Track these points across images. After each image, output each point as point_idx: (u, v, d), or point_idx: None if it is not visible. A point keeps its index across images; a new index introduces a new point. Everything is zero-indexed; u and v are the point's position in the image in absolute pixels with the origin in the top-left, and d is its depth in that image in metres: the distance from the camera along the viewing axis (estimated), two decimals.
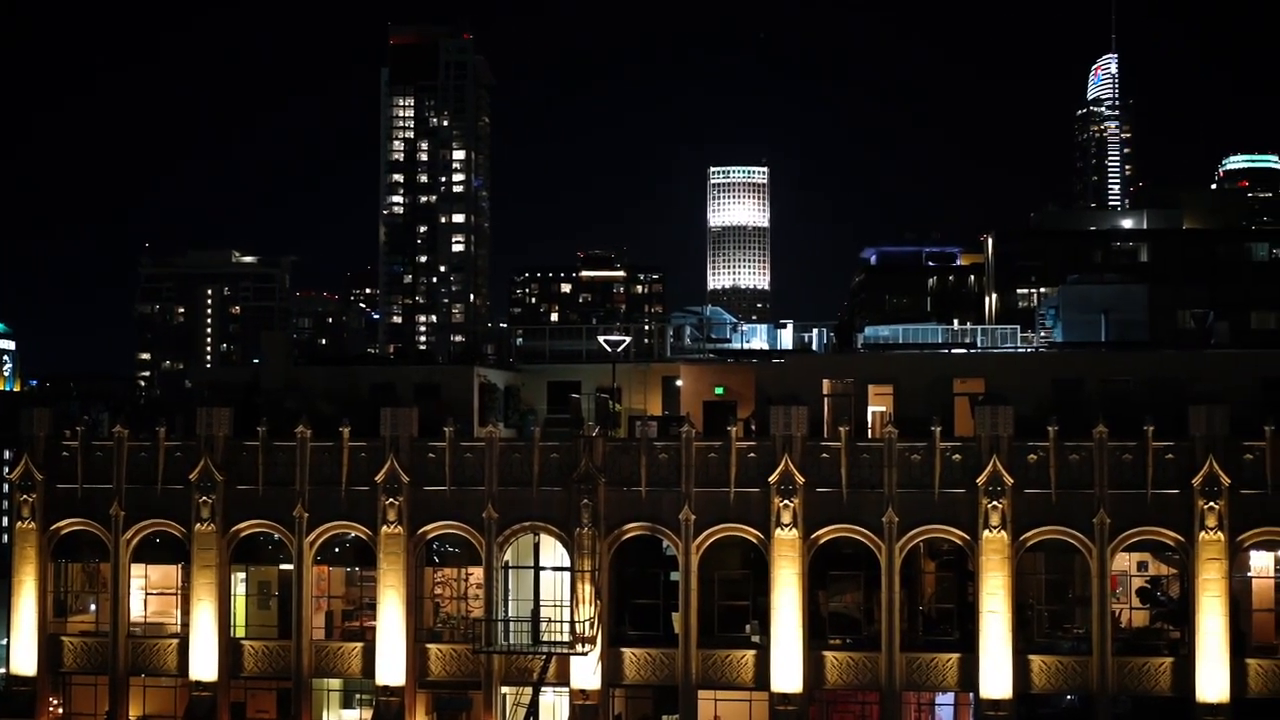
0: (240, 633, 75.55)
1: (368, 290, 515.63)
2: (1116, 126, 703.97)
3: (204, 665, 74.47)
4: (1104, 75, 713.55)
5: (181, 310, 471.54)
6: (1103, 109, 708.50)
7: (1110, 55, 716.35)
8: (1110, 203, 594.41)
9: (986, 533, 69.12)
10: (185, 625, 75.40)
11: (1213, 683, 68.01)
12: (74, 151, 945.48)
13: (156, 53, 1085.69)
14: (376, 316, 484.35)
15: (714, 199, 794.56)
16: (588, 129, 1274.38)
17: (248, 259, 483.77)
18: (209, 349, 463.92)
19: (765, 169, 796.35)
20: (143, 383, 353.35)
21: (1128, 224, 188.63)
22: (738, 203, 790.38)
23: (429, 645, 73.77)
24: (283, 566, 75.17)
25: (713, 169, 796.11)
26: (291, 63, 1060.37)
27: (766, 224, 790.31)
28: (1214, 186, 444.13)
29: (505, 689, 73.17)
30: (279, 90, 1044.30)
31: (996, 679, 69.07)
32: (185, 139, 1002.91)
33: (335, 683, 75.18)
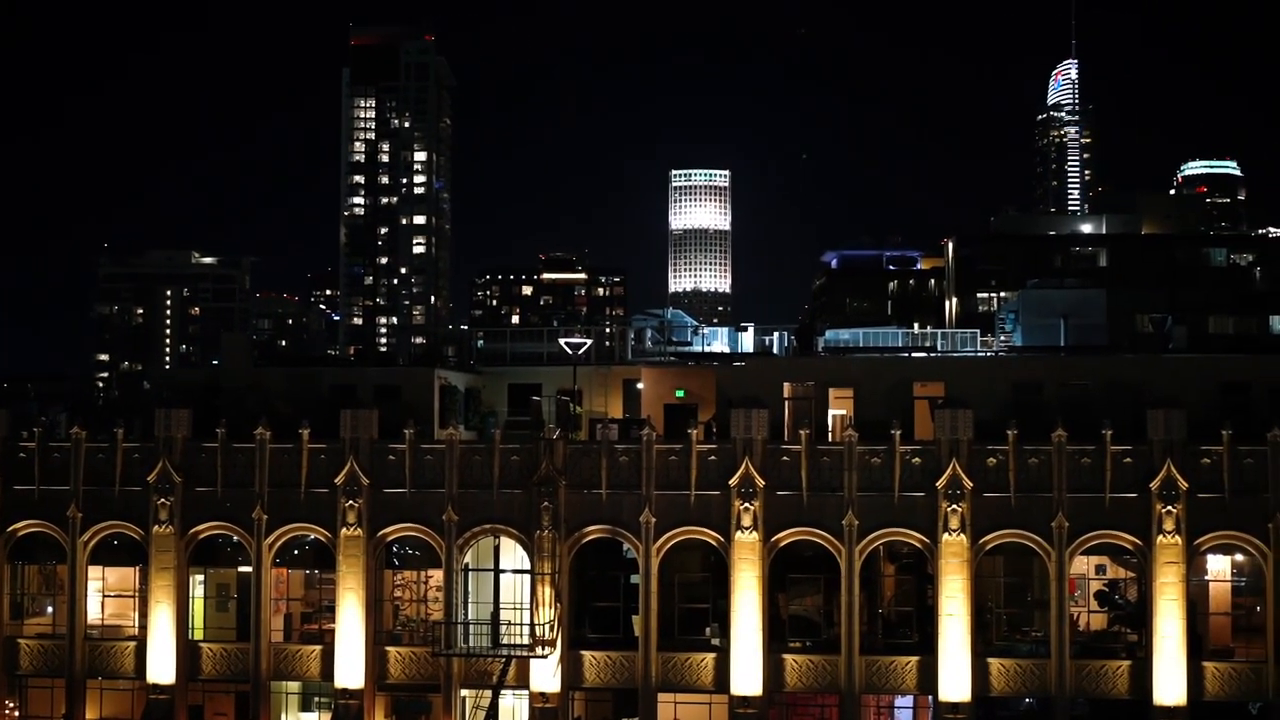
0: (198, 635, 75.20)
1: (328, 291, 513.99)
2: (1076, 132, 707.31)
3: (161, 668, 74.09)
4: (1064, 81, 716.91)
5: (140, 311, 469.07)
6: (1063, 114, 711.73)
7: (1070, 61, 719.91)
8: (1070, 207, 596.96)
9: (946, 536, 69.32)
10: (143, 628, 75.00)
11: (1170, 685, 68.37)
12: (36, 153, 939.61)
13: (120, 55, 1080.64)
14: (337, 318, 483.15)
15: (675, 202, 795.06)
16: (550, 131, 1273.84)
17: (207, 260, 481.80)
18: (168, 350, 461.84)
19: (727, 172, 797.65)
20: (101, 384, 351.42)
21: (1087, 229, 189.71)
22: (699, 206, 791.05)
23: (388, 648, 73.57)
24: (241, 569, 74.87)
25: (674, 172, 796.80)
26: (252, 64, 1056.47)
27: (728, 227, 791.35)
28: (1173, 192, 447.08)
29: (465, 692, 73.05)
30: (239, 91, 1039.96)
31: (955, 682, 69.28)
32: (146, 141, 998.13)
33: (294, 685, 74.89)
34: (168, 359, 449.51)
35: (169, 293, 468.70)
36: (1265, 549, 68.63)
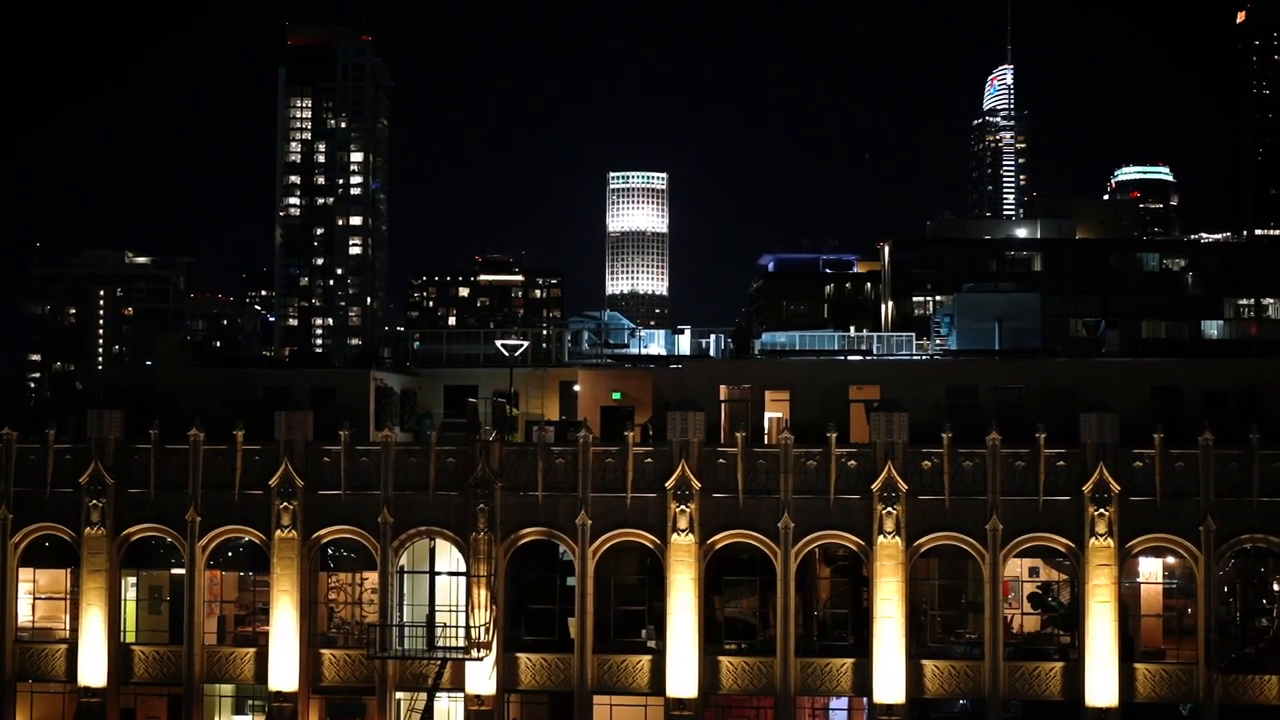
0: (130, 638, 74.62)
1: (263, 292, 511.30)
2: (1011, 137, 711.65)
3: (93, 671, 73.47)
4: (999, 86, 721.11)
5: (73, 311, 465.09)
6: (998, 119, 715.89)
7: (1006, 66, 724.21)
8: (1005, 212, 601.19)
9: (881, 538, 69.58)
10: (74, 630, 74.35)
11: (1102, 687, 68.88)
12: None
13: (51, 52, 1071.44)
14: (272, 319, 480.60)
15: (613, 204, 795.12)
16: (487, 133, 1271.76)
17: (141, 260, 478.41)
18: (101, 350, 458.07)
19: (664, 175, 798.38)
20: (33, 384, 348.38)
21: (1022, 233, 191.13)
22: (636, 208, 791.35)
23: (323, 650, 73.23)
24: (174, 571, 74.34)
25: (612, 174, 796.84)
26: (187, 61, 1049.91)
27: (665, 230, 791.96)
28: (1106, 197, 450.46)
29: (400, 694, 72.77)
30: (175, 90, 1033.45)
31: (890, 684, 69.55)
32: (79, 140, 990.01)
33: (227, 688, 74.40)
34: (100, 359, 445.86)
35: (102, 293, 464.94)
36: (1196, 551, 69.22)
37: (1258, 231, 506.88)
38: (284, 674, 72.33)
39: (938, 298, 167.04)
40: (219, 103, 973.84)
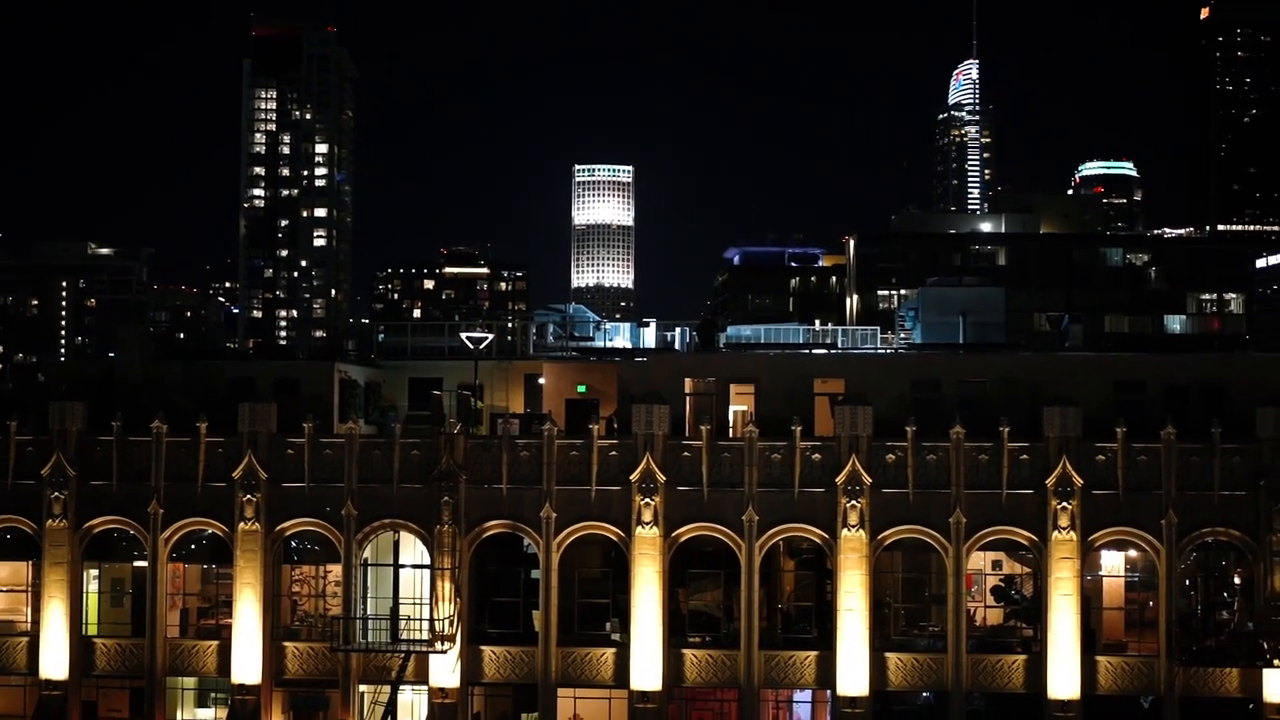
0: (92, 630, 74.27)
1: (227, 284, 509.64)
2: (976, 131, 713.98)
3: (55, 664, 73.13)
4: (965, 80, 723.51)
5: (35, 302, 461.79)
6: (963, 114, 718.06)
7: (971, 61, 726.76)
8: (970, 206, 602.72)
9: (845, 531, 69.72)
10: (35, 623, 73.96)
11: (1064, 680, 69.17)
12: None
13: (10, 39, 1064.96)
14: (236, 311, 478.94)
15: (579, 197, 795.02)
16: (453, 125, 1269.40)
17: (104, 251, 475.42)
18: (63, 342, 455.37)
19: (630, 168, 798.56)
20: None
21: (986, 228, 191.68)
22: (602, 201, 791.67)
23: (286, 643, 73.05)
24: (137, 563, 74.02)
25: (578, 167, 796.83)
26: (152, 52, 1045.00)
27: (631, 223, 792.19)
28: (1070, 192, 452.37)
29: (363, 687, 72.64)
30: (138, 80, 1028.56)
31: (853, 676, 69.70)
32: (42, 128, 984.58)
33: (190, 681, 74.15)
34: (63, 351, 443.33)
35: (64, 284, 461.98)
36: (1158, 545, 69.55)
37: (1220, 227, 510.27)
38: (247, 667, 72.11)
39: (902, 291, 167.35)
40: (183, 94, 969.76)
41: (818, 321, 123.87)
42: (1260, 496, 68.80)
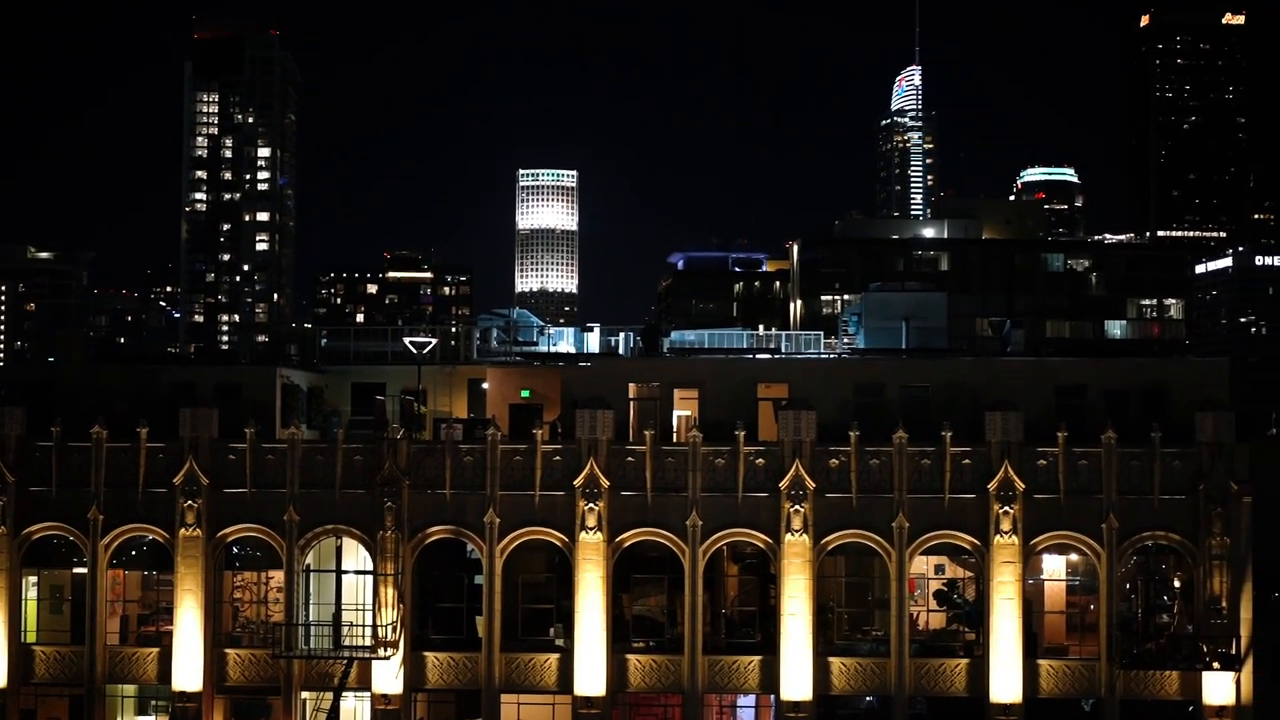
0: (31, 638, 73.67)
1: (169, 288, 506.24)
2: (919, 137, 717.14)
3: None
4: (907, 87, 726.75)
5: None
6: (906, 120, 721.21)
7: (914, 67, 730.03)
8: (913, 212, 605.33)
9: (788, 536, 69.84)
10: None
11: (1006, 683, 69.49)
12: None
13: None
14: (177, 315, 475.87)
15: (522, 202, 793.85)
16: (397, 128, 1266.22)
17: (44, 255, 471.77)
18: (2, 347, 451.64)
19: (574, 172, 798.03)
20: None
21: (929, 233, 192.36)
22: (546, 206, 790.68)
23: (228, 650, 72.61)
24: (76, 570, 73.46)
25: (521, 171, 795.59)
26: (91, 53, 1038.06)
27: (575, 227, 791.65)
28: (1012, 198, 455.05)
29: (306, 694, 72.26)
30: (78, 81, 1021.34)
31: (797, 681, 69.83)
32: None
33: (130, 689, 73.63)
34: (1, 356, 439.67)
35: (3, 288, 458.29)
36: (1099, 549, 69.98)
37: (1160, 233, 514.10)
38: (188, 674, 71.65)
39: (845, 297, 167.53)
40: (124, 96, 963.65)
41: (761, 326, 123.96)
42: (1200, 500, 69.32)
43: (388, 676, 71.10)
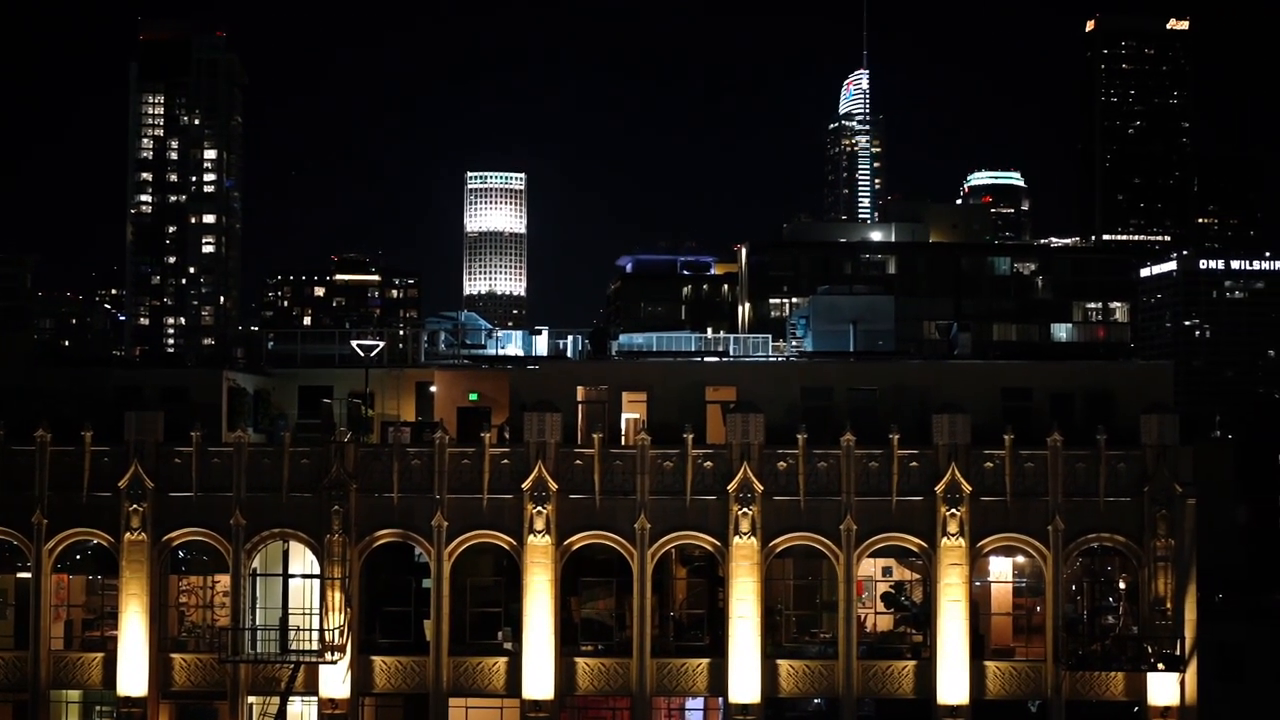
0: None
1: (114, 291, 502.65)
2: (867, 141, 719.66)
3: None
4: (855, 90, 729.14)
5: None
6: (853, 123, 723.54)
7: (861, 71, 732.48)
8: (860, 216, 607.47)
9: (737, 539, 69.94)
10: None
11: (953, 685, 69.77)
12: None
13: None
14: (123, 318, 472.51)
15: (471, 204, 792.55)
16: (345, 131, 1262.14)
17: None
18: None
19: (523, 175, 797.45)
20: None
21: (876, 236, 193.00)
22: (495, 208, 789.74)
23: (173, 655, 72.21)
24: (20, 574, 72.88)
25: (470, 174, 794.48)
26: (35, 55, 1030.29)
27: (523, 230, 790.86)
28: (959, 202, 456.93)
29: (252, 699, 71.92)
30: (23, 83, 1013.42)
31: (745, 683, 69.93)
32: None
33: (74, 694, 73.12)
34: None
35: None
36: (1045, 551, 70.33)
37: (1105, 236, 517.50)
38: (133, 679, 71.22)
39: (794, 300, 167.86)
40: (69, 97, 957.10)
41: (710, 329, 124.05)
42: (1144, 502, 69.79)
43: (335, 681, 70.83)
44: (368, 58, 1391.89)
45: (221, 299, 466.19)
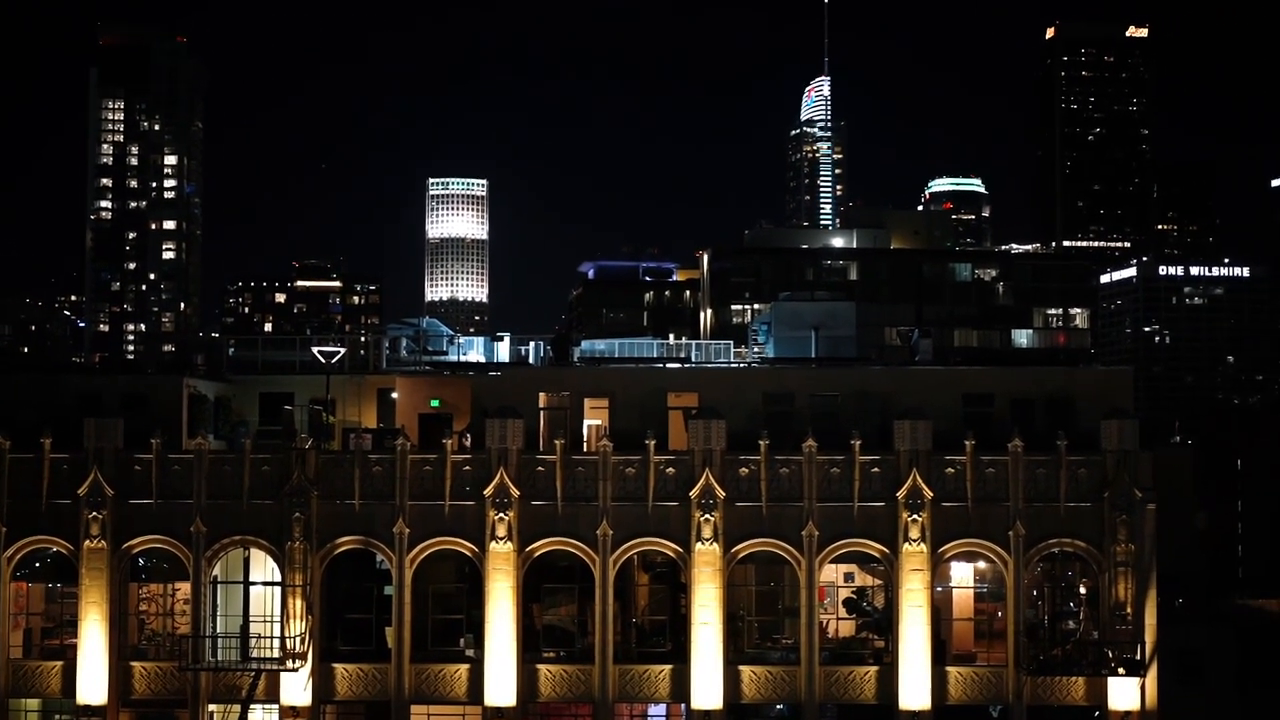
0: None
1: (73, 297, 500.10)
2: (829, 147, 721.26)
3: None
4: (817, 97, 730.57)
5: None
6: (815, 130, 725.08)
7: (823, 78, 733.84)
8: (822, 222, 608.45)
9: (699, 545, 69.95)
10: None
11: (915, 690, 69.90)
12: None
13: None
14: (83, 324, 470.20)
15: (432, 210, 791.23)
16: (305, 137, 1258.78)
17: None
18: None
19: (484, 181, 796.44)
20: None
21: (838, 243, 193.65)
22: (456, 215, 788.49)
23: (133, 663, 71.84)
24: None
25: (431, 180, 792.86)
26: None
27: (485, 236, 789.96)
28: (920, 208, 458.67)
29: (213, 706, 71.61)
30: None
31: (707, 690, 69.93)
32: None
33: (33, 703, 72.70)
34: None
35: None
36: (1006, 556, 70.55)
37: (1066, 243, 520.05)
38: (93, 687, 70.82)
39: (756, 306, 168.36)
40: (28, 102, 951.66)
41: (672, 336, 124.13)
42: (1105, 508, 70.06)
43: (296, 688, 70.58)
44: (330, 64, 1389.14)
45: (182, 305, 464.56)
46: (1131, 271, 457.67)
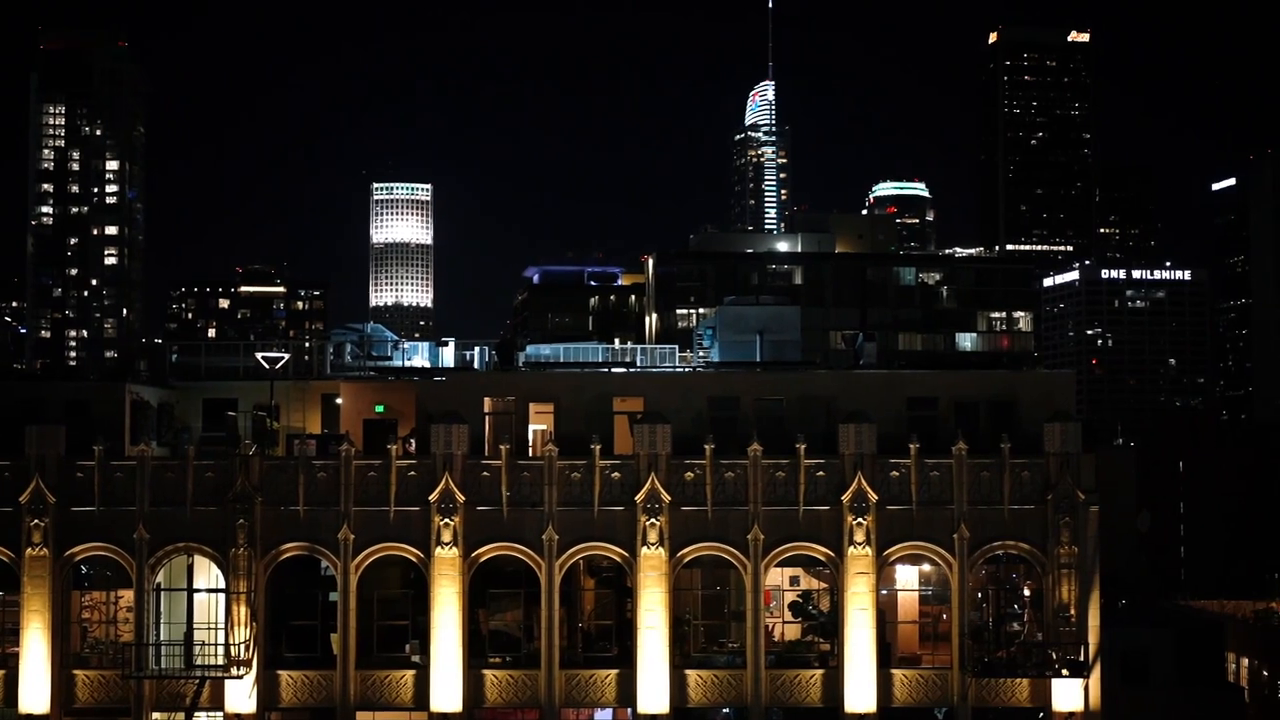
0: None
1: (14, 303, 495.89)
2: (773, 152, 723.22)
3: None
4: (761, 102, 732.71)
5: None
6: (760, 134, 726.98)
7: (768, 82, 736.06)
8: (767, 226, 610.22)
9: (645, 550, 70.00)
10: None
11: (860, 693, 70.13)
12: None
13: None
14: (24, 331, 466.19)
15: (377, 215, 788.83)
16: (248, 142, 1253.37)
17: None
18: None
19: (429, 186, 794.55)
20: None
21: (783, 247, 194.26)
22: (401, 220, 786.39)
23: (76, 671, 71.31)
24: None
25: (376, 185, 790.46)
26: None
27: (430, 241, 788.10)
28: (864, 212, 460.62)
29: (157, 714, 71.11)
30: None
31: (654, 694, 69.97)
32: None
33: None
34: None
35: None
36: (950, 559, 70.89)
37: (1009, 246, 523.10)
38: (35, 696, 70.28)
39: (701, 310, 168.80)
40: None
41: (617, 340, 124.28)
42: (1048, 510, 70.48)
43: (241, 696, 70.23)
44: (274, 69, 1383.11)
45: (124, 311, 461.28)
46: (1074, 275, 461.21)
